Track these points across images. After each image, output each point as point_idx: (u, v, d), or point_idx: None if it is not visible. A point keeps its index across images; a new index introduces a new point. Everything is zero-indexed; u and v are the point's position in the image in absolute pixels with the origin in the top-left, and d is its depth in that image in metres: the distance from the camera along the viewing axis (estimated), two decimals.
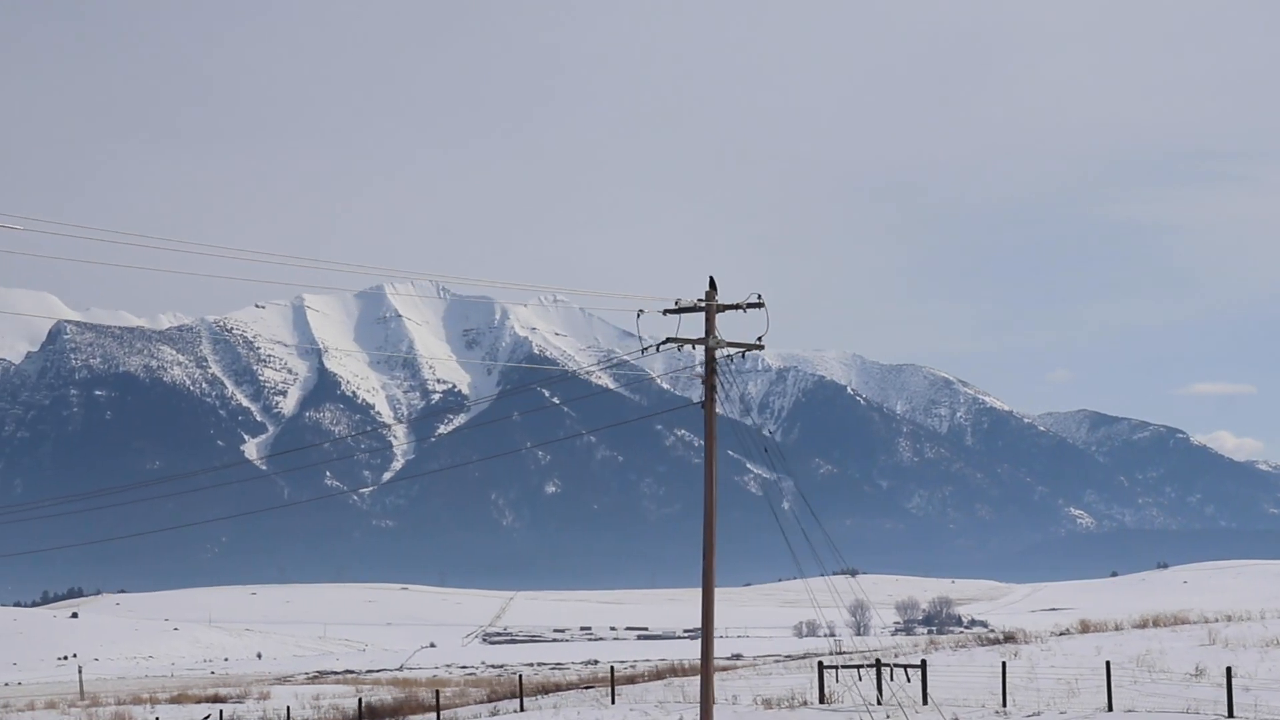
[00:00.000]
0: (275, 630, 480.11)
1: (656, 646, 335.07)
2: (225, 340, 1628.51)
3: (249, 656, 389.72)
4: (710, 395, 58.25)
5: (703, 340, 59.04)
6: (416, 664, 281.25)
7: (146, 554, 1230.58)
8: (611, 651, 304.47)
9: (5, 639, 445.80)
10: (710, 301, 58.61)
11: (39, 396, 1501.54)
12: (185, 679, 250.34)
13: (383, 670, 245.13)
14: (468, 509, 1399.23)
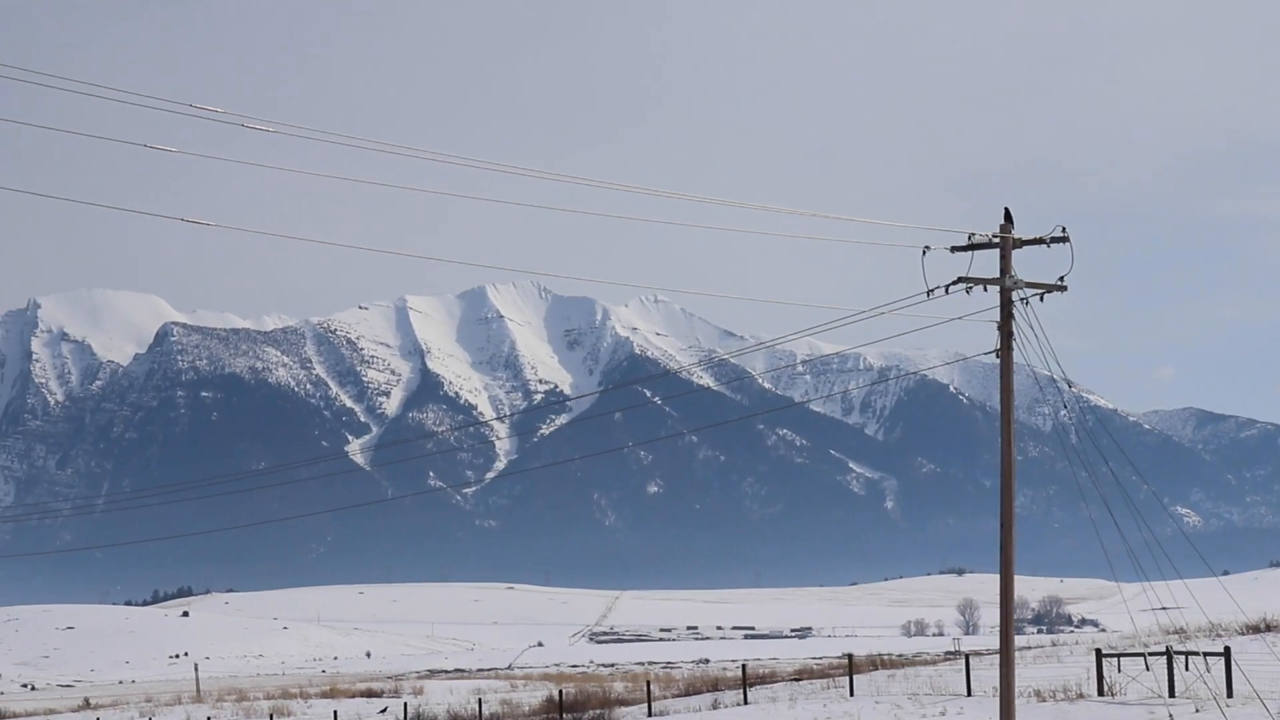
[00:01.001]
0: (383, 629, 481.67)
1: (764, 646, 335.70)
2: (329, 341, 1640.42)
3: (358, 655, 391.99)
4: (1007, 344, 49.30)
5: (998, 280, 49.92)
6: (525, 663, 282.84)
7: (253, 554, 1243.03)
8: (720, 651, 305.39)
9: (118, 637, 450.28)
10: (1006, 235, 49.85)
11: (146, 398, 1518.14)
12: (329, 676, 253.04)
13: (494, 669, 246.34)
14: (570, 509, 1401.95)
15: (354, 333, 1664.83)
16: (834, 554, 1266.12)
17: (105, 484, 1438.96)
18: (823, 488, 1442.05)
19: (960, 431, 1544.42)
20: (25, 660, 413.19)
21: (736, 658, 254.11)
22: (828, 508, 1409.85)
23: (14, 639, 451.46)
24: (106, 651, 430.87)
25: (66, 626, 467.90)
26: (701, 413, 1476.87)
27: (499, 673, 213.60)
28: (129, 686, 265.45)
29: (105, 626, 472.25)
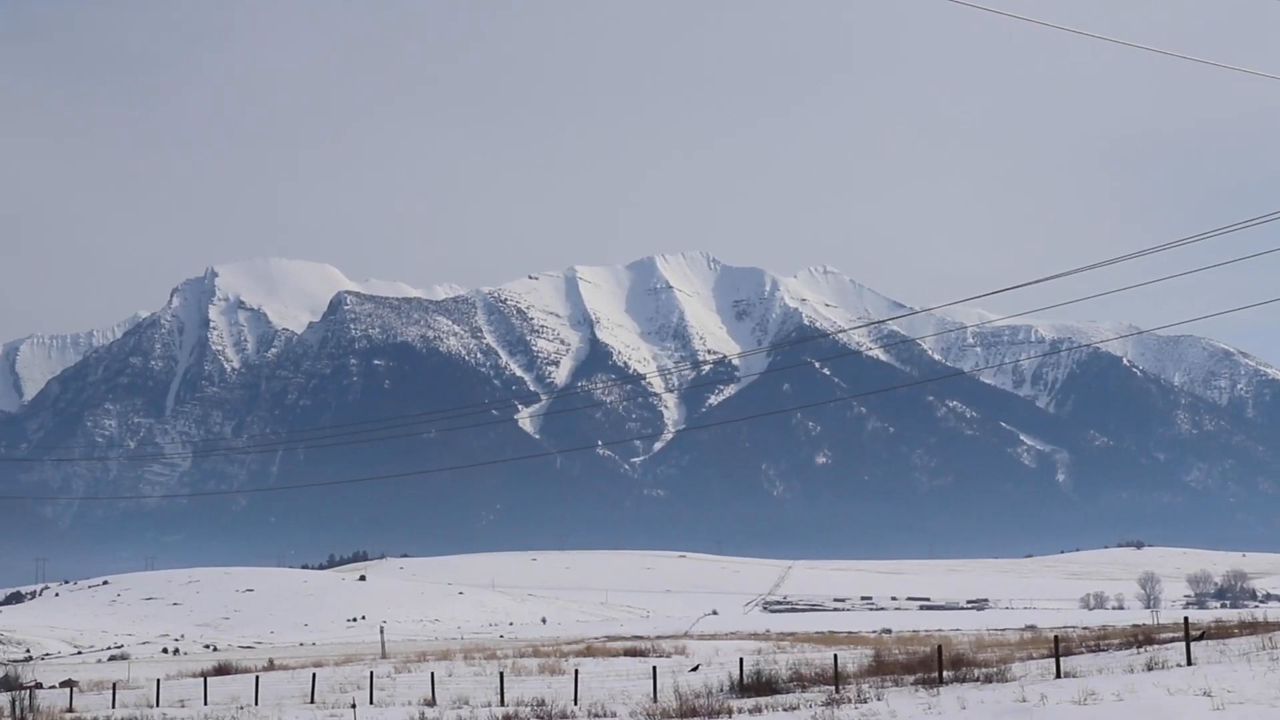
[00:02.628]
0: (557, 596, 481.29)
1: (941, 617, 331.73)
2: (499, 311, 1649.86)
3: (533, 621, 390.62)
4: None
5: None
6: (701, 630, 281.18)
7: (425, 520, 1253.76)
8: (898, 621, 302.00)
9: (297, 600, 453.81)
10: None
11: (320, 365, 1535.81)
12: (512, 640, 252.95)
13: (733, 632, 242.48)
14: (738, 479, 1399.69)
15: (524, 302, 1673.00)
16: (1005, 526, 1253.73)
17: (279, 450, 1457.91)
18: (993, 460, 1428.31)
19: (1133, 404, 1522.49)
20: (206, 621, 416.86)
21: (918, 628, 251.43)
22: (998, 480, 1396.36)
23: (195, 600, 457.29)
24: (285, 614, 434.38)
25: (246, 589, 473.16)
26: (870, 384, 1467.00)
27: (754, 634, 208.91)
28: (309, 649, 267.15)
29: (284, 589, 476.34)
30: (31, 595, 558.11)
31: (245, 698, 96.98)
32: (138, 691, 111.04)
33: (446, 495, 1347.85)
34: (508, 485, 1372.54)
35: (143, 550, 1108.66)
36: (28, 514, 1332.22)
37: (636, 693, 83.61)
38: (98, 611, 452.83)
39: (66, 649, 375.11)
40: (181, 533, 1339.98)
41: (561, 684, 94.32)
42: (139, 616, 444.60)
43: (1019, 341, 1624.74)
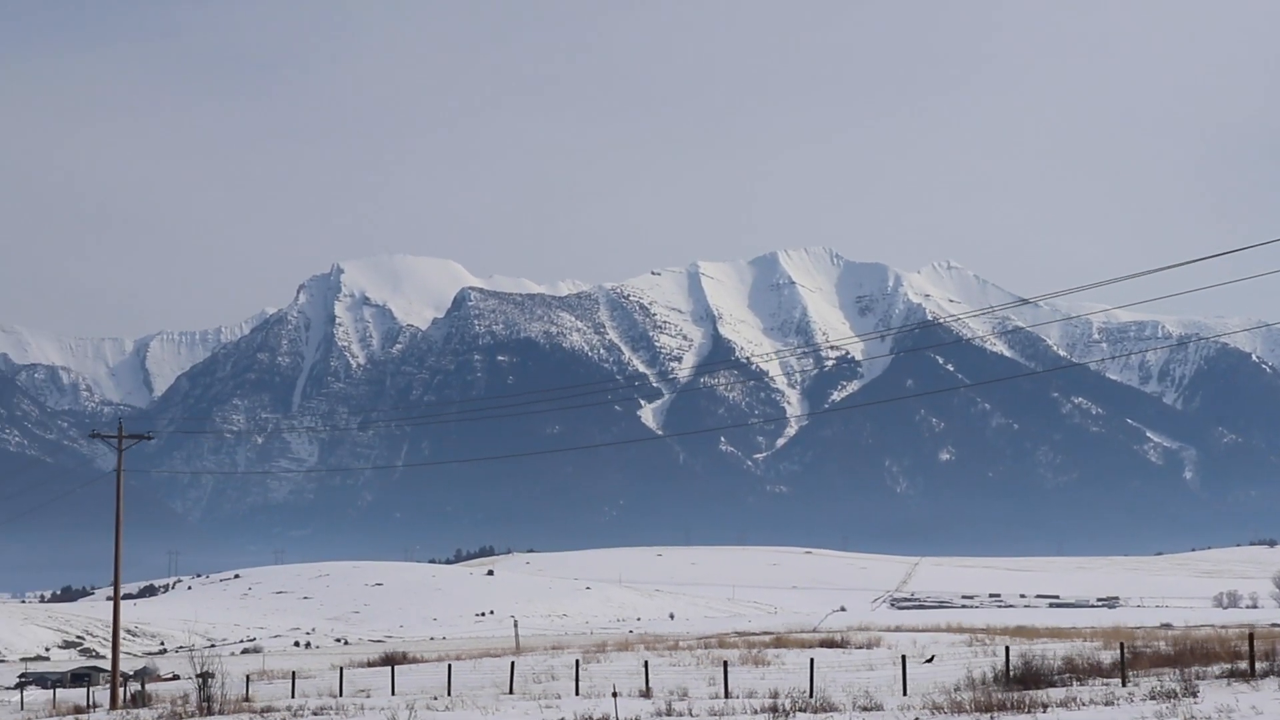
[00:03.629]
0: (683, 591, 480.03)
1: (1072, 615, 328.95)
2: (622, 307, 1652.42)
3: (661, 617, 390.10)
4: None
5: None
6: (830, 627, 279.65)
7: (549, 515, 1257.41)
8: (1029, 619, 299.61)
9: (425, 594, 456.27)
10: None
11: (444, 361, 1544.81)
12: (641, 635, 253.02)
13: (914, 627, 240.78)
14: (861, 475, 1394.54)
15: (647, 298, 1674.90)
16: (1133, 524, 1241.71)
17: (404, 446, 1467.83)
18: (1119, 457, 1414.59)
19: (1263, 401, 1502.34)
20: (337, 615, 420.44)
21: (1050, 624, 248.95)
22: (1125, 477, 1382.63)
23: (325, 594, 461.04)
24: (414, 608, 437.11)
25: (375, 583, 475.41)
26: (995, 381, 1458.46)
27: (948, 627, 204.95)
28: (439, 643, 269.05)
29: (413, 583, 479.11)
30: (164, 588, 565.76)
31: (433, 687, 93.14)
32: (309, 681, 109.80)
33: (570, 490, 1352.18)
34: (630, 481, 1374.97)
35: (270, 544, 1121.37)
36: (158, 508, 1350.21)
37: (870, 685, 79.83)
38: (229, 605, 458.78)
39: (199, 642, 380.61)
40: (308, 527, 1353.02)
41: (772, 675, 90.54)
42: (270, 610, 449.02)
43: (1145, 337, 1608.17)
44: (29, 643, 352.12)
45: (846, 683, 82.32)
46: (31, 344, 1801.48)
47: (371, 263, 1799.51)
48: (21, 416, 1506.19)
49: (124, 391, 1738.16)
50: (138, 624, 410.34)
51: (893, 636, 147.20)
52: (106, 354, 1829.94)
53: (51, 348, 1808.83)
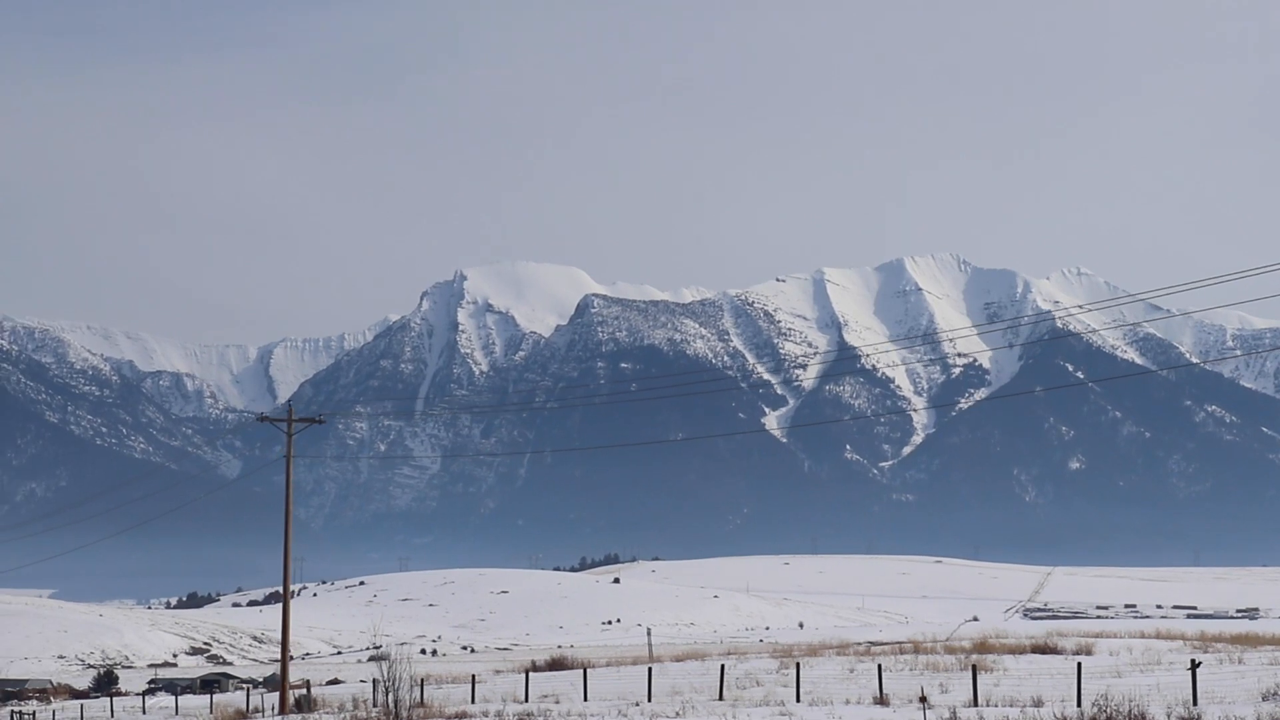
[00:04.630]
0: (812, 600, 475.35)
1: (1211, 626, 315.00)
2: (746, 314, 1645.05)
3: (790, 626, 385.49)
4: None
5: None
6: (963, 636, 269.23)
7: (673, 523, 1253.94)
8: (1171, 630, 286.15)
9: (551, 602, 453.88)
10: None
11: (567, 368, 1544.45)
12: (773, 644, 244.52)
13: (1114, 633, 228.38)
14: (989, 484, 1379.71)
15: (771, 305, 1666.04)
16: (1270, 534, 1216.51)
17: (527, 453, 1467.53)
18: (1255, 466, 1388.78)
19: None
20: (463, 623, 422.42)
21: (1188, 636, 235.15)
22: (1260, 487, 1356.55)
23: (451, 601, 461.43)
24: (540, 616, 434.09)
25: (501, 590, 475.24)
26: (1125, 388, 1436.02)
27: (1160, 634, 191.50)
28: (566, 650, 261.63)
29: (538, 591, 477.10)
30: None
31: (631, 693, 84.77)
32: (479, 685, 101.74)
33: (694, 498, 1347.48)
34: (755, 489, 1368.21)
35: (392, 551, 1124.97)
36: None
37: (1141, 692, 70.51)
38: (355, 611, 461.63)
39: (326, 649, 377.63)
40: (430, 534, 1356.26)
41: (1008, 682, 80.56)
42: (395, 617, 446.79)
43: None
44: (157, 649, 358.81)
45: (1123, 690, 71.30)
46: (157, 351, 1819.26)
47: (495, 269, 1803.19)
48: (147, 423, 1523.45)
49: (248, 398, 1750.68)
50: (264, 630, 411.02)
51: (1107, 643, 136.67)
52: (231, 361, 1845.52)
53: (176, 355, 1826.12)
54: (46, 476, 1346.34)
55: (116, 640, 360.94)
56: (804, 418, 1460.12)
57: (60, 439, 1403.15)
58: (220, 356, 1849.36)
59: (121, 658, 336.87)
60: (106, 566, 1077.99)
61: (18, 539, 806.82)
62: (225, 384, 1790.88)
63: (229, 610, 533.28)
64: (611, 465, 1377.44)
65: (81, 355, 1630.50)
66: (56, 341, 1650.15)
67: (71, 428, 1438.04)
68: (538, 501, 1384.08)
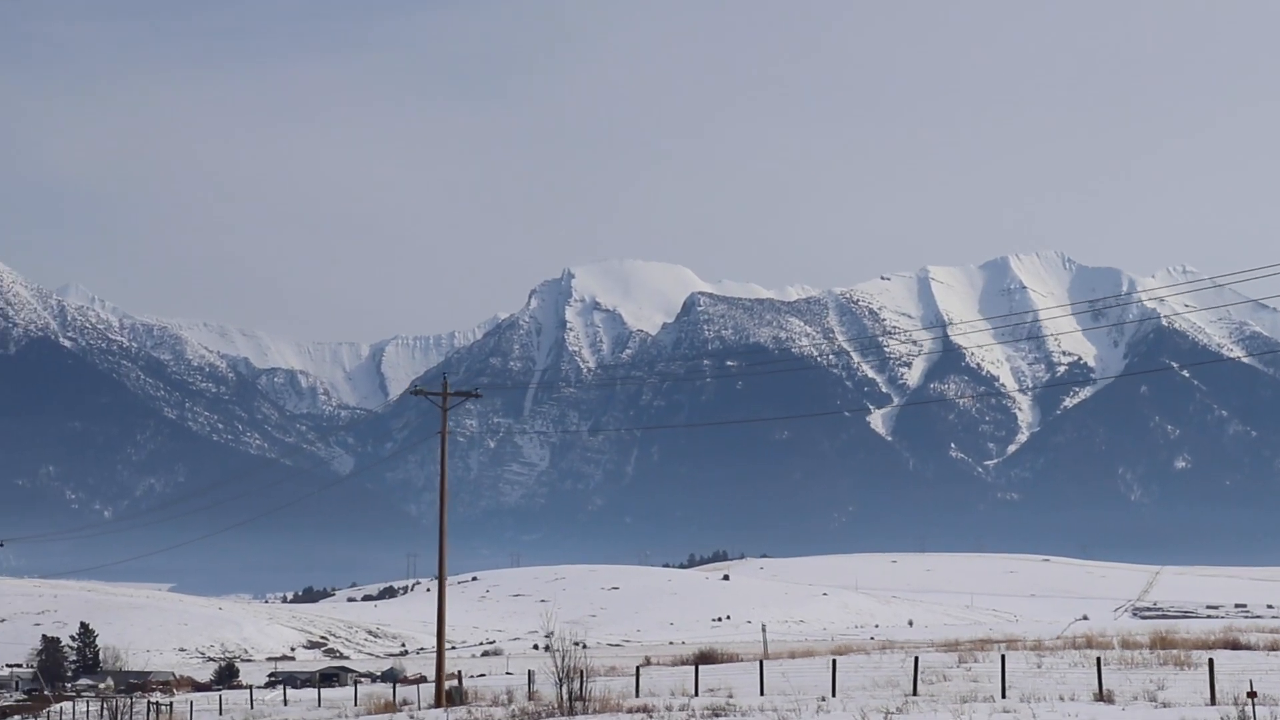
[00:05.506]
0: (920, 598, 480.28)
1: None
2: (851, 312, 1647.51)
3: (899, 624, 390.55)
4: None
5: None
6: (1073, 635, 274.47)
7: (778, 521, 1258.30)
8: None
9: (662, 599, 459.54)
10: None
11: (674, 367, 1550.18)
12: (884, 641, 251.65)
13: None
14: (1094, 483, 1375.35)
15: (876, 303, 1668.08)
16: None
17: (634, 451, 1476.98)
18: None
19: None
20: (574, 618, 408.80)
21: None
22: None
23: (563, 597, 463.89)
24: (651, 612, 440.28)
25: (611, 586, 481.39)
26: (1232, 387, 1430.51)
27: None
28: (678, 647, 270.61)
29: (649, 588, 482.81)
30: (403, 590, 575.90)
31: (813, 687, 77.98)
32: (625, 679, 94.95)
33: (799, 496, 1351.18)
34: (860, 487, 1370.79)
35: (502, 547, 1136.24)
36: (393, 511, 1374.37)
37: None
38: (468, 607, 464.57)
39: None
40: (539, 531, 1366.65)
41: (1221, 678, 68.74)
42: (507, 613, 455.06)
43: None
44: (274, 642, 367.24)
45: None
46: (271, 348, 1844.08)
47: (602, 268, 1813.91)
48: (262, 420, 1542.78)
49: (360, 395, 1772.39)
50: (379, 625, 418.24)
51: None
52: (343, 358, 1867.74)
53: (290, 352, 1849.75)
54: (165, 472, 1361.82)
55: (235, 633, 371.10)
56: (908, 416, 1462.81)
57: (178, 435, 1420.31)
58: (333, 354, 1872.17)
59: (240, 651, 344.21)
60: (223, 561, 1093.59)
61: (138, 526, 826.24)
62: (338, 381, 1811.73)
63: (344, 605, 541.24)
64: (717, 463, 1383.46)
65: (199, 352, 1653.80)
66: (175, 339, 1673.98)
67: (189, 424, 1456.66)
68: (645, 499, 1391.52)
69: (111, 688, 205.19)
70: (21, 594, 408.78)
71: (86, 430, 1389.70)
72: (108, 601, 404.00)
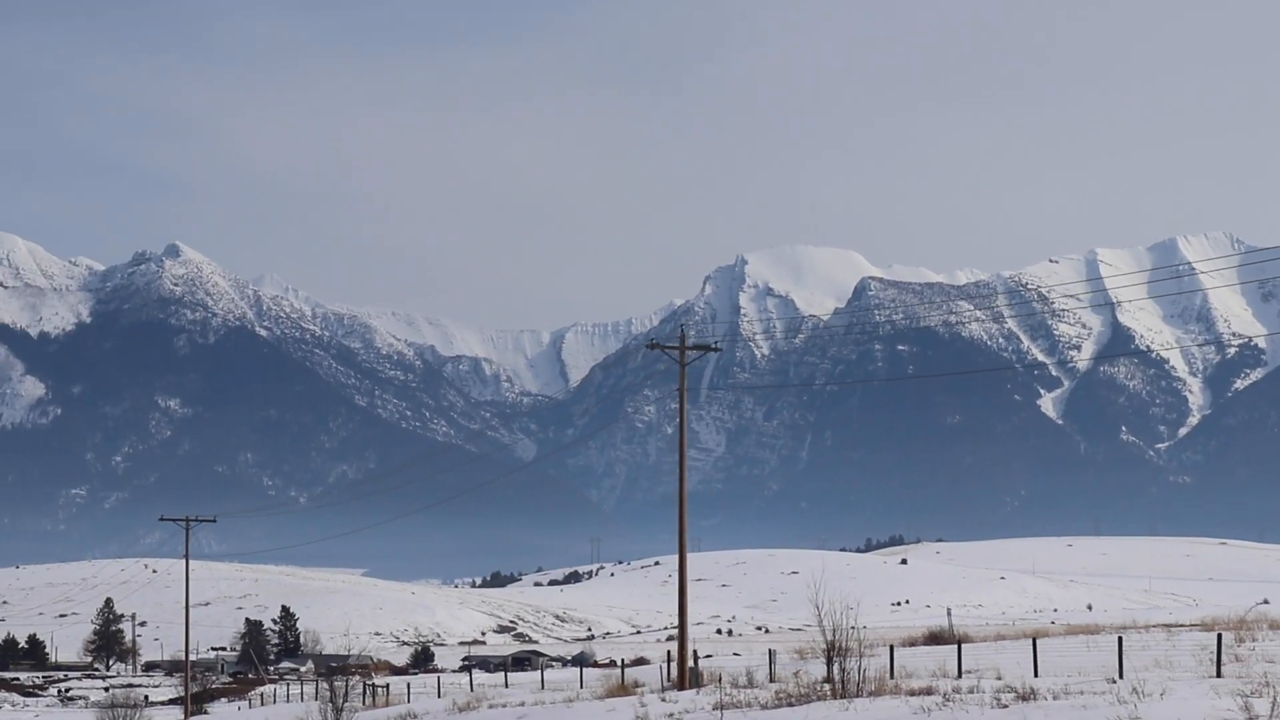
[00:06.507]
0: (1097, 582, 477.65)
1: None
2: (1020, 295, 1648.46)
3: (1078, 608, 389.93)
4: None
5: None
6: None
7: (950, 505, 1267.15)
8: None
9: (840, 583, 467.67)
10: None
11: (845, 351, 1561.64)
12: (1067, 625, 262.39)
13: None
14: (1268, 465, 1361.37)
15: (1044, 286, 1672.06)
16: None
17: (808, 436, 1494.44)
18: None
19: None
20: (755, 603, 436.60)
21: None
22: None
23: (743, 582, 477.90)
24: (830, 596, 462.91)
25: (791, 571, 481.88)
26: None
27: None
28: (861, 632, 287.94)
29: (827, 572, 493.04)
30: (588, 575, 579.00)
31: (1094, 669, 68.13)
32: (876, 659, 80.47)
33: (971, 480, 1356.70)
34: (1031, 470, 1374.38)
35: None
36: (575, 497, 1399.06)
37: None
38: (651, 591, 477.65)
39: (625, 628, 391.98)
40: (716, 516, 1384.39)
41: None
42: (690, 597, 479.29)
43: None
44: (466, 626, 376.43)
45: None
46: (457, 337, 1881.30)
47: (774, 254, 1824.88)
48: (448, 407, 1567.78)
49: (541, 382, 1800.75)
50: (565, 610, 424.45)
51: None
52: (525, 345, 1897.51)
53: (475, 340, 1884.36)
54: (356, 459, 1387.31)
55: (428, 618, 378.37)
56: (1079, 399, 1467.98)
57: (369, 422, 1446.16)
58: (515, 341, 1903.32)
59: (433, 635, 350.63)
60: (412, 546, 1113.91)
61: (331, 509, 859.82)
62: (520, 368, 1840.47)
63: (531, 589, 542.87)
64: (890, 448, 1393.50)
65: (387, 340, 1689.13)
66: (364, 327, 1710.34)
67: (379, 411, 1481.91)
68: (819, 483, 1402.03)
69: (312, 670, 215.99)
70: (223, 578, 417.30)
71: (281, 418, 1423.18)
72: (305, 586, 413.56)
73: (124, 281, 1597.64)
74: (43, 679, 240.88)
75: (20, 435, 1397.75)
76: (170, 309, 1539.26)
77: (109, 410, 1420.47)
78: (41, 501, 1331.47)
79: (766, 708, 62.17)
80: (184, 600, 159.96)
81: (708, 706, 64.45)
